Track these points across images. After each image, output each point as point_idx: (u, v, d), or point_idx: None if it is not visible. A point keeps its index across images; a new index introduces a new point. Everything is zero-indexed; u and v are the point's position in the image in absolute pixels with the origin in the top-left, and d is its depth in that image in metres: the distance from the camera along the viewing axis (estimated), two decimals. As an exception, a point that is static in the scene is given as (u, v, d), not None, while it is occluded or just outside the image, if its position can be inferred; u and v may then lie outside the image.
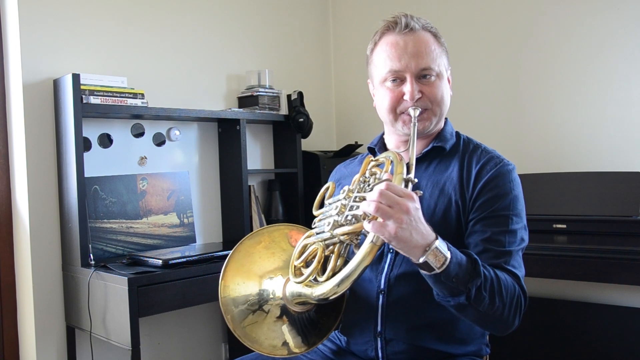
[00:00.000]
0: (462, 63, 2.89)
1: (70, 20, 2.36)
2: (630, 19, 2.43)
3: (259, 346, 1.15)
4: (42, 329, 2.26)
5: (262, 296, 1.18)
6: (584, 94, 2.56)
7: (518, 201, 1.20)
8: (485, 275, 1.04)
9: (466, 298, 1.02)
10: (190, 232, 2.62)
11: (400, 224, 0.94)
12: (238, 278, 1.20)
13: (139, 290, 1.98)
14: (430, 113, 1.24)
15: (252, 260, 1.22)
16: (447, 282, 1.00)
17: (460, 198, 1.20)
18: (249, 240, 1.24)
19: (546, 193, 2.38)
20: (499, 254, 1.13)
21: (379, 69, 1.27)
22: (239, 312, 1.17)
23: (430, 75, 1.23)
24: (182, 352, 2.72)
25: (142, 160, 2.57)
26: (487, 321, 1.10)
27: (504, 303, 1.06)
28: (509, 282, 1.09)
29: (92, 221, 2.28)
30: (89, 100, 2.22)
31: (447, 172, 1.25)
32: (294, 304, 1.16)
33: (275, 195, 2.97)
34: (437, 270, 0.99)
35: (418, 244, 0.98)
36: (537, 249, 2.08)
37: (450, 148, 1.29)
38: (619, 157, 2.45)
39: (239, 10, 2.99)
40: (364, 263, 0.98)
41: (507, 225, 1.16)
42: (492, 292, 1.04)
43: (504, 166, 1.22)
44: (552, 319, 2.51)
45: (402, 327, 1.21)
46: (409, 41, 1.22)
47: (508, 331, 1.12)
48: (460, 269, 1.01)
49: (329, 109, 3.46)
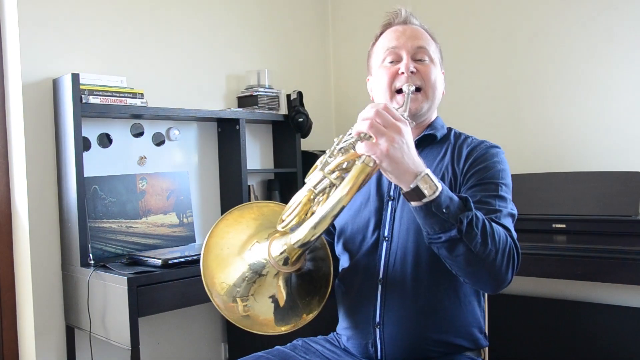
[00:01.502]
0: (461, 63, 2.90)
1: (69, 20, 2.36)
2: (629, 19, 2.43)
3: (259, 327, 1.11)
4: (41, 329, 2.26)
5: (255, 267, 1.11)
6: (583, 93, 2.56)
7: (506, 174, 1.23)
8: (476, 214, 1.03)
9: (458, 231, 0.99)
10: (190, 231, 2.62)
11: (392, 142, 0.95)
12: (220, 275, 1.12)
13: (139, 290, 1.98)
14: (423, 94, 1.28)
15: (228, 243, 1.15)
16: (438, 212, 0.99)
17: (453, 175, 1.24)
18: (237, 211, 1.19)
19: (545, 193, 2.38)
20: (489, 212, 1.13)
21: (377, 54, 1.33)
22: (244, 289, 1.10)
23: (424, 58, 1.29)
24: (182, 351, 2.72)
25: (142, 160, 2.57)
26: (479, 267, 1.05)
27: (497, 248, 1.04)
28: (500, 231, 1.07)
29: (91, 221, 2.28)
30: (89, 100, 2.22)
31: (440, 155, 1.29)
32: (280, 264, 1.10)
33: (275, 195, 2.97)
34: (427, 198, 0.98)
35: (409, 168, 0.97)
36: (537, 248, 2.08)
37: (441, 137, 1.32)
38: (618, 157, 2.45)
39: (238, 10, 2.99)
40: (350, 192, 0.96)
41: (497, 191, 1.18)
42: (485, 232, 1.02)
43: (493, 147, 1.27)
44: (551, 318, 2.51)
45: (400, 316, 1.20)
46: (407, 28, 1.31)
47: (501, 284, 1.09)
48: (452, 202, 1.00)
49: (328, 109, 3.46)
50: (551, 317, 2.51)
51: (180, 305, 2.15)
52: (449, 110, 3.01)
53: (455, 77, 2.91)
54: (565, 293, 2.54)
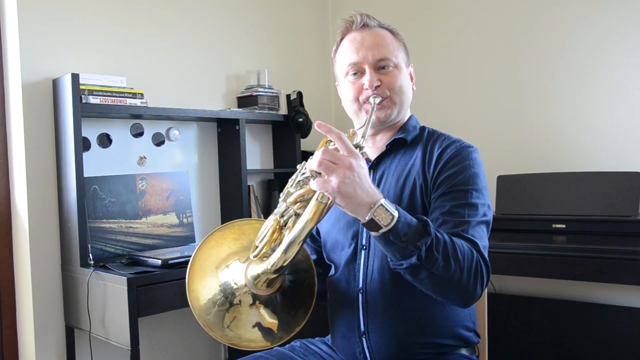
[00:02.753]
0: (461, 63, 2.89)
1: (69, 20, 2.36)
2: (629, 19, 2.43)
3: (243, 341, 1.13)
4: (41, 329, 2.26)
5: (226, 290, 1.15)
6: (583, 93, 2.56)
7: (478, 178, 1.20)
8: (437, 236, 1.02)
9: (417, 258, 1.00)
10: (190, 232, 2.62)
11: (342, 178, 0.95)
12: (199, 282, 1.17)
13: (138, 290, 1.98)
14: (389, 102, 1.27)
15: (213, 254, 1.20)
16: (396, 241, 0.99)
17: (424, 181, 1.22)
18: (219, 232, 1.22)
19: (545, 193, 2.38)
20: (457, 224, 1.13)
21: (340, 65, 1.32)
22: (214, 316, 1.14)
23: (387, 65, 1.27)
24: (182, 352, 2.72)
25: (142, 160, 2.57)
26: (444, 287, 1.06)
27: (461, 267, 1.04)
28: (465, 248, 1.07)
29: (91, 221, 2.28)
30: (88, 100, 2.22)
31: (411, 160, 1.27)
32: (258, 287, 1.13)
33: (275, 195, 2.97)
34: (384, 229, 0.98)
35: (363, 201, 0.97)
36: (536, 249, 2.08)
37: (412, 139, 1.31)
38: (618, 157, 2.45)
39: (238, 10, 2.99)
40: (308, 225, 0.99)
41: (467, 199, 1.16)
42: (446, 254, 1.02)
43: (465, 148, 1.24)
44: (551, 318, 2.51)
45: (384, 323, 1.21)
46: (365, 36, 1.28)
47: (471, 301, 1.10)
48: (410, 228, 1.00)
49: (328, 109, 3.46)
50: (551, 317, 2.51)
51: (180, 306, 2.14)
52: (449, 110, 3.02)
53: (455, 78, 2.91)
54: (565, 293, 2.54)
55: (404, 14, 3.09)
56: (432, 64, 2.96)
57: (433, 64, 2.96)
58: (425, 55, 2.96)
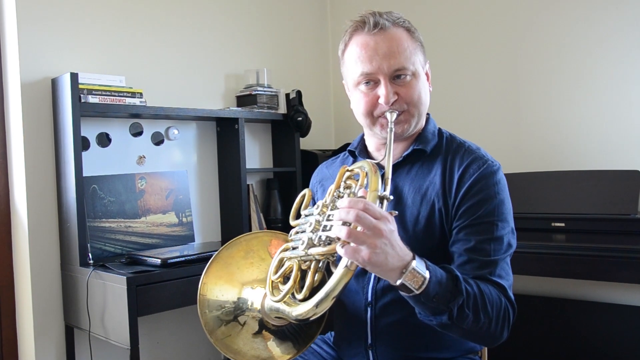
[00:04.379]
0: (460, 62, 2.90)
1: (68, 19, 2.36)
2: (628, 18, 2.43)
3: (241, 357, 1.13)
4: (40, 329, 2.26)
5: (238, 306, 1.15)
6: (582, 92, 2.56)
7: (503, 205, 1.14)
8: (467, 292, 1.00)
9: (448, 317, 0.98)
10: (189, 231, 2.61)
11: (374, 249, 0.90)
12: (219, 280, 1.17)
13: (138, 289, 1.98)
14: (407, 115, 1.18)
15: (232, 267, 1.19)
16: (428, 302, 0.97)
17: (444, 205, 1.15)
18: (226, 250, 1.21)
19: (544, 191, 2.38)
20: (483, 264, 1.08)
21: (351, 71, 1.21)
22: (212, 318, 1.15)
23: (405, 75, 1.16)
24: (181, 351, 2.72)
25: (141, 159, 2.57)
26: (473, 337, 1.08)
27: (490, 318, 1.03)
28: (494, 296, 1.05)
29: (90, 220, 2.28)
30: (87, 100, 2.22)
31: (430, 176, 1.19)
32: (272, 317, 1.13)
33: (274, 194, 2.97)
34: (415, 292, 0.95)
35: (394, 266, 0.93)
36: (536, 247, 2.08)
37: (431, 149, 1.23)
38: (618, 156, 2.46)
39: (237, 9, 2.99)
40: (340, 284, 0.93)
41: (492, 233, 1.10)
42: (476, 309, 1.00)
43: (488, 167, 1.16)
44: (550, 317, 2.51)
45: (392, 338, 1.19)
46: (379, 41, 1.15)
47: (496, 344, 1.10)
48: (441, 287, 0.97)
49: (327, 108, 3.46)
50: (550, 315, 2.51)
51: (180, 305, 2.15)
52: (448, 110, 3.02)
53: (455, 77, 2.91)
54: (564, 292, 2.54)
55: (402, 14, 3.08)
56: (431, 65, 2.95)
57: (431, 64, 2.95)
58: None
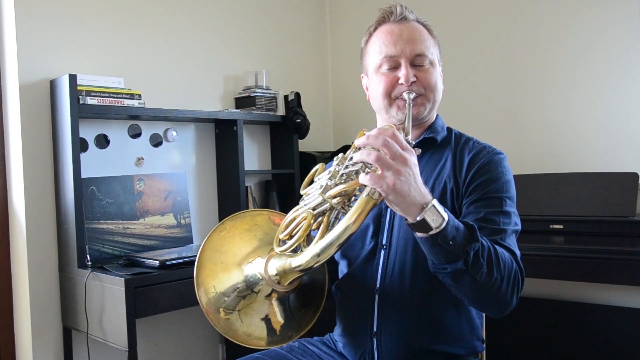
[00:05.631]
0: (458, 62, 2.90)
1: (67, 20, 2.36)
2: (625, 19, 2.43)
3: (252, 339, 1.11)
4: (38, 331, 2.26)
5: (249, 281, 1.11)
6: (580, 94, 2.57)
7: (511, 186, 1.20)
8: (482, 243, 1.01)
9: (464, 263, 0.98)
10: (187, 233, 2.61)
11: (399, 175, 0.91)
12: (215, 275, 1.13)
13: (136, 291, 1.98)
14: (424, 99, 1.25)
15: (226, 250, 1.16)
16: (444, 244, 0.97)
17: (455, 185, 1.20)
18: (230, 222, 1.18)
19: (543, 194, 2.38)
20: (493, 232, 1.11)
21: (373, 57, 1.27)
22: (232, 300, 1.11)
23: (424, 62, 1.24)
24: (179, 353, 2.72)
25: (139, 161, 2.57)
26: (484, 295, 1.05)
27: (502, 275, 1.03)
28: (506, 256, 1.06)
29: (88, 222, 2.28)
30: (86, 101, 2.21)
31: (441, 162, 1.25)
32: (275, 283, 1.09)
33: (273, 196, 2.97)
34: (434, 230, 0.95)
35: (415, 200, 0.94)
36: (534, 249, 2.08)
37: (441, 140, 1.29)
38: (615, 158, 2.46)
39: (236, 11, 2.99)
40: (354, 224, 0.92)
41: (501, 207, 1.15)
42: (490, 261, 1.01)
43: (496, 154, 1.23)
44: (548, 319, 2.51)
45: (398, 326, 1.19)
46: (403, 29, 1.24)
47: (505, 310, 1.08)
48: (458, 232, 0.98)
49: (326, 110, 3.47)
50: (548, 318, 2.51)
51: (178, 307, 2.15)
52: (448, 110, 3.01)
53: (455, 77, 2.92)
54: (562, 294, 2.55)
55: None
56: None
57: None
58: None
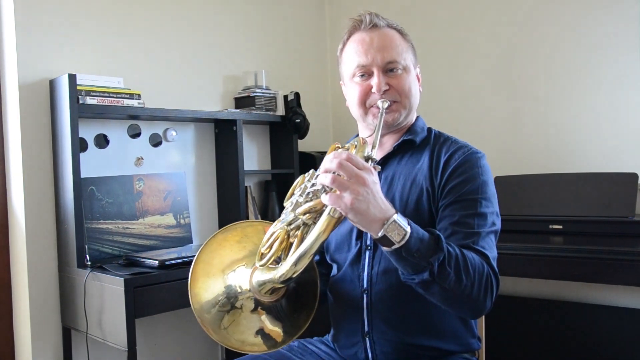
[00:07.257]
0: (458, 63, 2.90)
1: (66, 20, 2.36)
2: (625, 21, 2.43)
3: (246, 346, 1.13)
4: (38, 330, 2.26)
5: (229, 293, 1.15)
6: (580, 95, 2.57)
7: (487, 186, 1.20)
8: (449, 251, 1.02)
9: (429, 274, 1.00)
10: (187, 232, 2.61)
11: (356, 195, 0.94)
12: (202, 281, 1.17)
13: (135, 291, 1.98)
14: (399, 105, 1.26)
15: (216, 256, 1.19)
16: (409, 257, 0.99)
17: (430, 186, 1.21)
18: (221, 234, 1.21)
19: (542, 194, 2.38)
20: (467, 235, 1.12)
21: (347, 65, 1.30)
22: (213, 316, 1.14)
23: (396, 68, 1.25)
24: (179, 353, 2.72)
25: (139, 160, 2.57)
26: (456, 301, 1.07)
27: (472, 281, 1.04)
28: (476, 261, 1.07)
29: (88, 222, 2.28)
30: (85, 101, 2.22)
31: (419, 164, 1.26)
32: (262, 293, 1.12)
33: (272, 196, 2.97)
34: (396, 245, 0.98)
35: (376, 217, 0.96)
36: (533, 249, 2.08)
37: (420, 141, 1.30)
38: (615, 158, 2.46)
39: (235, 11, 2.99)
40: (320, 238, 0.97)
41: (476, 209, 1.16)
42: (458, 269, 1.02)
43: (473, 154, 1.23)
44: (548, 319, 2.51)
45: (388, 324, 1.21)
46: (374, 37, 1.26)
47: (480, 313, 1.11)
48: (422, 244, 1.00)
49: (325, 110, 3.47)
50: (548, 318, 2.52)
51: (177, 307, 2.14)
52: (445, 112, 3.02)
53: (453, 78, 2.92)
54: (562, 294, 2.55)
55: (399, 15, 3.09)
56: (427, 66, 2.96)
57: (428, 65, 2.96)
58: (421, 56, 2.96)
